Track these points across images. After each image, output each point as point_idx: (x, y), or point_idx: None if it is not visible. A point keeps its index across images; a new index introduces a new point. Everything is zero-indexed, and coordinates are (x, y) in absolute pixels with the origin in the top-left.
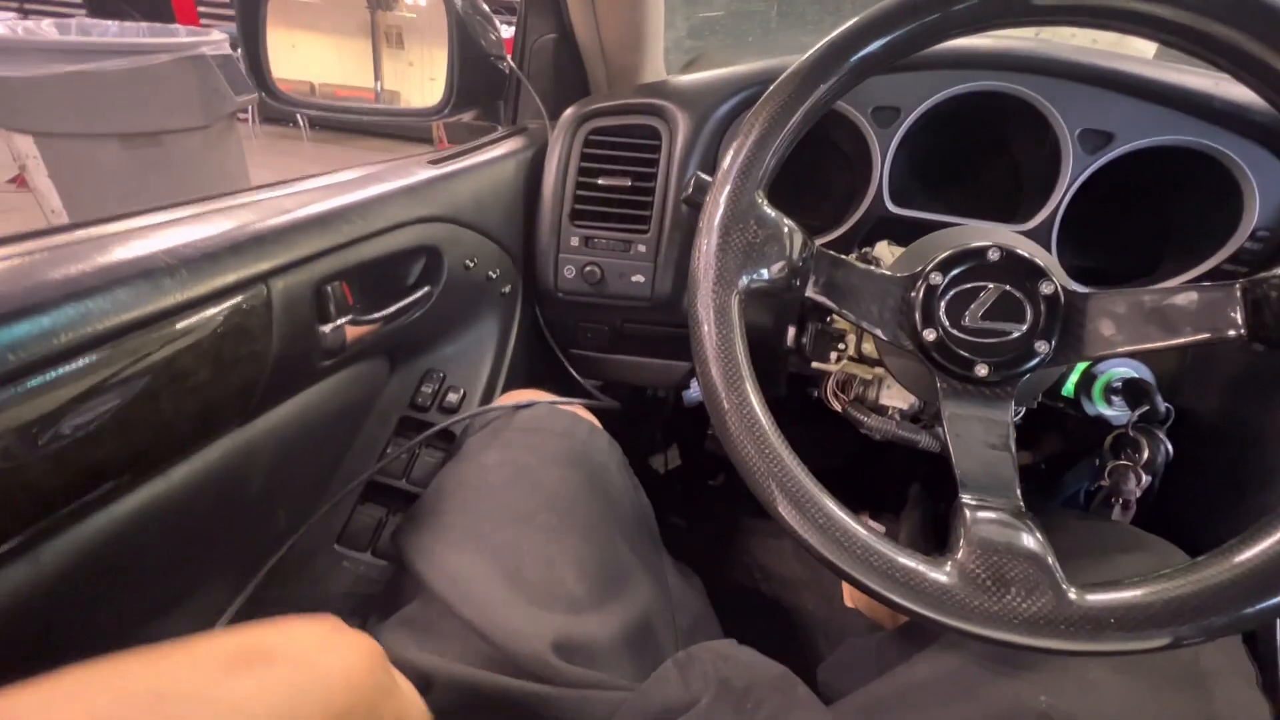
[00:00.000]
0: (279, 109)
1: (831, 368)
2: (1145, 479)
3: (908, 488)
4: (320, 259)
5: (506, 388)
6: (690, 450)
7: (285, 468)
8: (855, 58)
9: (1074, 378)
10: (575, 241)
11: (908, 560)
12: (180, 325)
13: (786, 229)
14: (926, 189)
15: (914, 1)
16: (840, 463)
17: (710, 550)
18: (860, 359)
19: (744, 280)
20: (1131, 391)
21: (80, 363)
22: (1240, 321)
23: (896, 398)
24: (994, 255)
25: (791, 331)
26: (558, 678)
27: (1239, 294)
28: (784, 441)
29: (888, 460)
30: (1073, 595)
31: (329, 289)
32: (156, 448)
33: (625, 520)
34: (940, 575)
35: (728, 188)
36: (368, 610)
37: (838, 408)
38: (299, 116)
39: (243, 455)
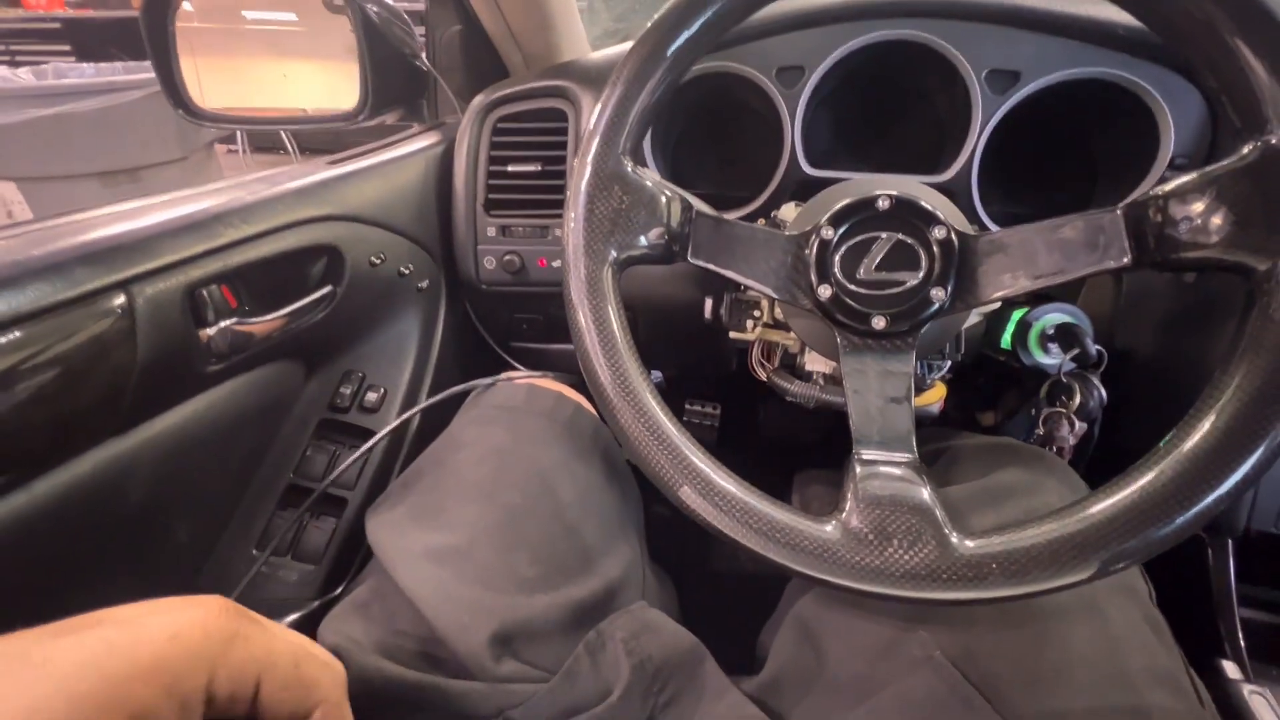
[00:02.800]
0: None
1: (749, 336)
2: (1079, 425)
3: None
4: (193, 263)
5: (436, 383)
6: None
7: (181, 476)
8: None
9: (1010, 328)
10: (492, 232)
11: (788, 518)
12: (19, 337)
13: (664, 195)
14: (851, 149)
15: None
16: (822, 436)
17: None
18: (776, 325)
19: (613, 251)
20: (1065, 337)
21: None
22: (1127, 247)
23: (819, 361)
24: (884, 204)
25: (708, 303)
26: (483, 673)
27: (1121, 219)
28: (665, 408)
29: None
30: (956, 542)
31: (205, 293)
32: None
33: (601, 504)
34: (819, 532)
35: (590, 153)
36: (289, 611)
37: (763, 377)
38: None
39: (120, 466)
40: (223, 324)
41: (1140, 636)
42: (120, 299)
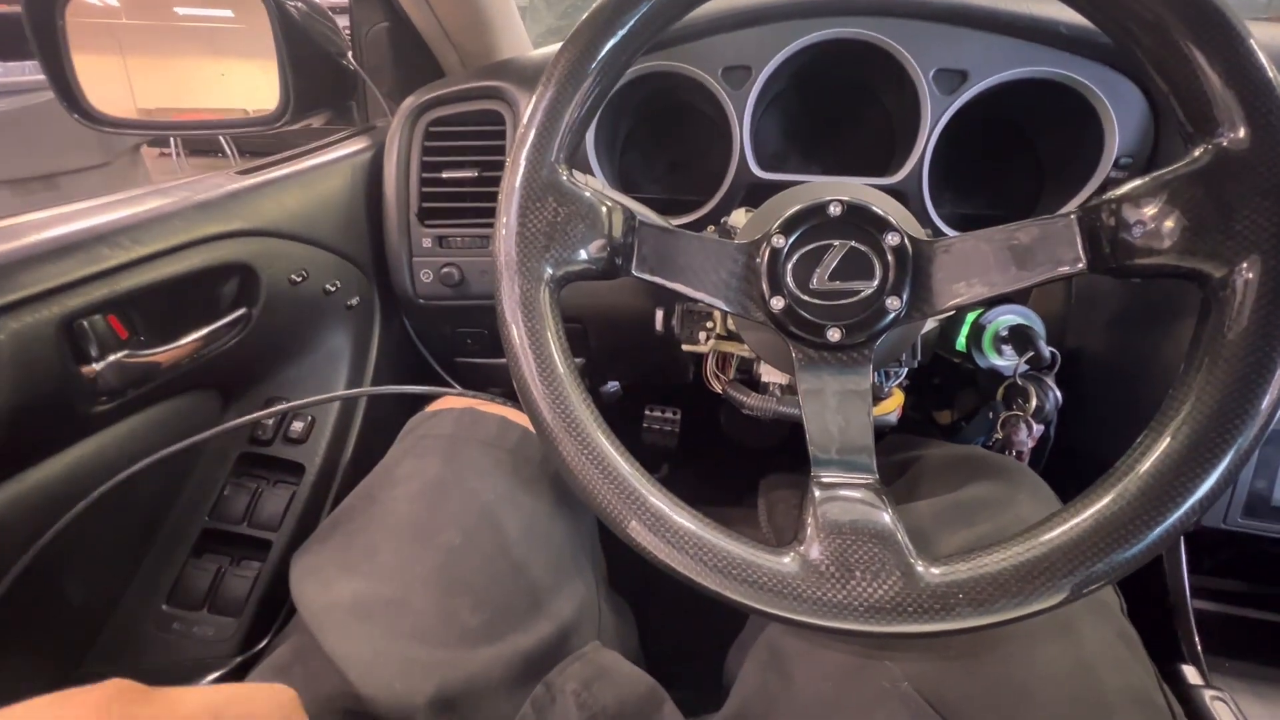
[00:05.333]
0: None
1: (701, 348)
2: (1037, 428)
3: None
4: (69, 291)
5: (370, 408)
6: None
7: (70, 530)
8: None
9: (964, 330)
10: (428, 243)
11: (744, 552)
12: None
13: (605, 205)
14: (802, 151)
15: None
16: (786, 438)
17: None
18: (729, 336)
19: (549, 268)
20: (1018, 339)
21: None
22: (1080, 253)
23: (775, 372)
24: (835, 210)
25: (659, 315)
26: None
27: (1075, 224)
28: (609, 434)
29: None
30: (921, 571)
31: (87, 324)
32: None
33: (550, 535)
34: (779, 565)
35: (520, 161)
36: (206, 670)
37: (718, 389)
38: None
39: None
40: (113, 357)
41: (1113, 653)
42: None
